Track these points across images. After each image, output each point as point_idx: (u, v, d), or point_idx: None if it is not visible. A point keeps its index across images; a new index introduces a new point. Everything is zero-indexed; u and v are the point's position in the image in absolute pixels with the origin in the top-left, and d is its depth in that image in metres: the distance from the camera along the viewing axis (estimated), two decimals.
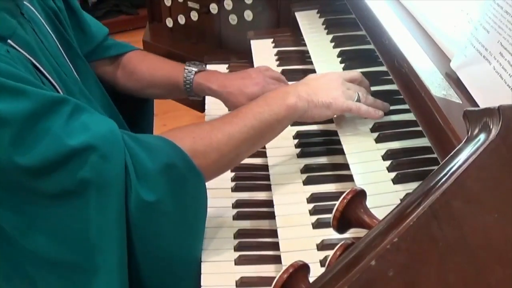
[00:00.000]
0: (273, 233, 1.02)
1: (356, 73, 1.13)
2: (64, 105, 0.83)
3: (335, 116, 1.10)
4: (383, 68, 1.11)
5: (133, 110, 1.41)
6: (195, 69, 1.26)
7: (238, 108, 1.05)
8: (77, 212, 0.84)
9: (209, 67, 1.52)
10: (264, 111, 1.00)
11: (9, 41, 0.88)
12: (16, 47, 0.88)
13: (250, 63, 1.48)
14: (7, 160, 0.79)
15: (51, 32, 1.09)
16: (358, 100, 1.06)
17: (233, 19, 1.66)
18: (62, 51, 1.10)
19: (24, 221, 0.86)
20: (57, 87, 0.95)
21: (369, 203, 0.60)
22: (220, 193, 1.13)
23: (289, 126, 1.09)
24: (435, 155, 0.82)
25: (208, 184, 1.14)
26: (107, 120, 0.89)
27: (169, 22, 1.86)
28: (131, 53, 1.34)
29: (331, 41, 1.33)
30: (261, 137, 1.03)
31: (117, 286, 0.88)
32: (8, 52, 0.85)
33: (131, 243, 0.88)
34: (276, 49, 1.49)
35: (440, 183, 0.48)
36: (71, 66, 1.11)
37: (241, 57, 1.58)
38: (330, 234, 0.95)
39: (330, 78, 1.08)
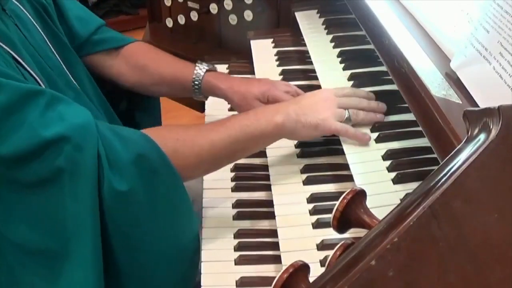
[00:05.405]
0: (273, 233, 1.02)
1: (348, 89, 1.12)
2: (39, 97, 0.86)
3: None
4: (383, 68, 1.11)
5: (141, 110, 1.43)
6: (206, 67, 1.27)
7: (228, 116, 1.07)
8: (52, 200, 0.88)
9: None
10: (251, 124, 1.01)
11: None
12: None
13: (250, 63, 1.48)
14: None
15: (38, 27, 1.09)
16: (349, 118, 1.05)
17: (233, 19, 1.66)
18: (50, 45, 1.11)
19: (3, 210, 0.90)
20: (38, 80, 0.96)
21: (369, 203, 0.60)
22: (220, 193, 1.14)
23: None
24: (435, 155, 0.82)
25: (208, 184, 1.15)
26: (83, 111, 0.91)
27: (169, 22, 1.86)
28: (134, 46, 1.33)
29: (331, 41, 1.33)
30: (243, 149, 1.04)
31: (91, 273, 0.90)
32: None
33: (107, 232, 0.90)
34: (276, 49, 1.49)
35: (440, 183, 0.48)
36: (59, 59, 1.12)
37: (241, 57, 1.58)
38: (330, 234, 0.95)
39: (322, 97, 1.07)
